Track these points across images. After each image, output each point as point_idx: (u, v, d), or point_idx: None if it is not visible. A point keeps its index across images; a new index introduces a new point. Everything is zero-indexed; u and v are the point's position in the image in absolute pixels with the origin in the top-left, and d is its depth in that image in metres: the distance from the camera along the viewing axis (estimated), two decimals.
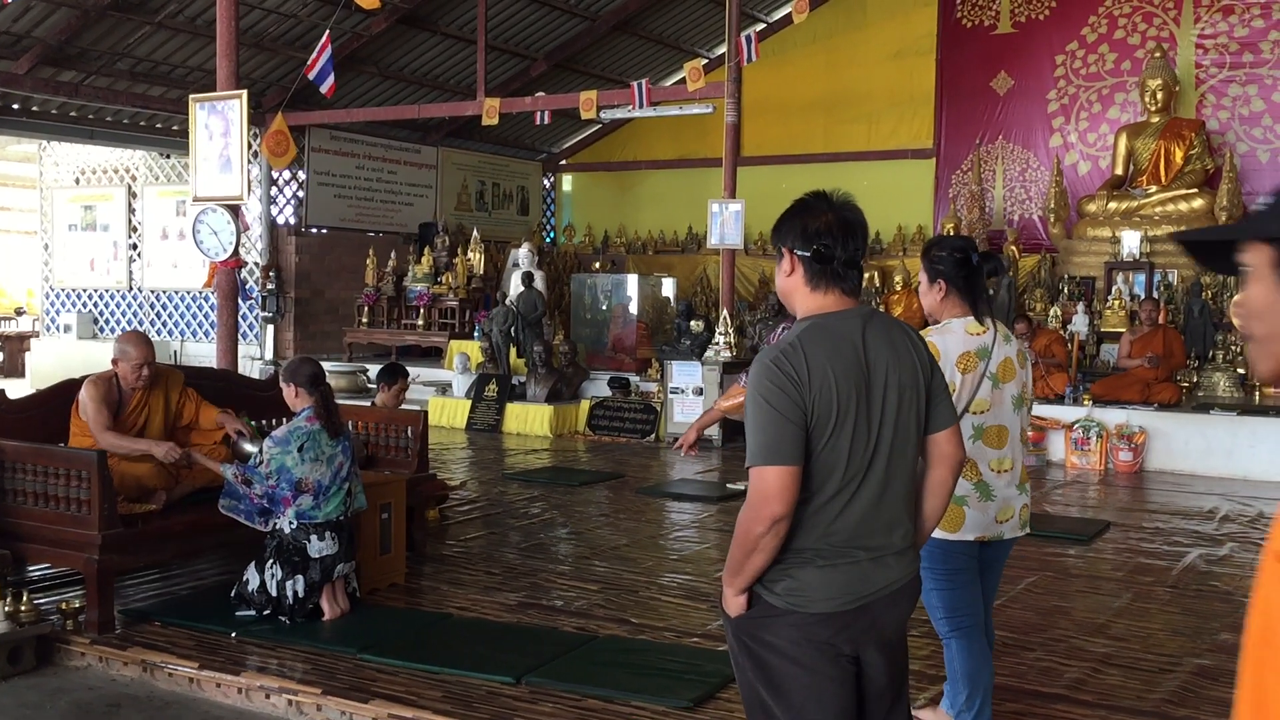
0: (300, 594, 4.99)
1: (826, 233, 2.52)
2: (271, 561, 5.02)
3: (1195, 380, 11.44)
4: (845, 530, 2.47)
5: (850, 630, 2.49)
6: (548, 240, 18.99)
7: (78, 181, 16.80)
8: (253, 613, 5.03)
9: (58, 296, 16.99)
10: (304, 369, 5.21)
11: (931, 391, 2.60)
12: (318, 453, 5.03)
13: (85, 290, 16.73)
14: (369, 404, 7.62)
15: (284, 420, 6.71)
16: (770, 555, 2.44)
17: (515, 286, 13.29)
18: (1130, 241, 13.71)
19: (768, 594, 2.48)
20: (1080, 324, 12.57)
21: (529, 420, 11.75)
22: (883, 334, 2.54)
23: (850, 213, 2.58)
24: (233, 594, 5.13)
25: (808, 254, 2.53)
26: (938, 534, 3.59)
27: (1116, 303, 13.20)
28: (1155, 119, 14.41)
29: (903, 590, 2.57)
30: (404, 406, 7.30)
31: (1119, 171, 14.69)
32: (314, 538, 5.00)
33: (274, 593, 4.99)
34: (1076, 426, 9.95)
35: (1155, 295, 13.01)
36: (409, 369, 11.88)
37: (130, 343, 5.52)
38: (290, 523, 5.00)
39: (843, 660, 2.51)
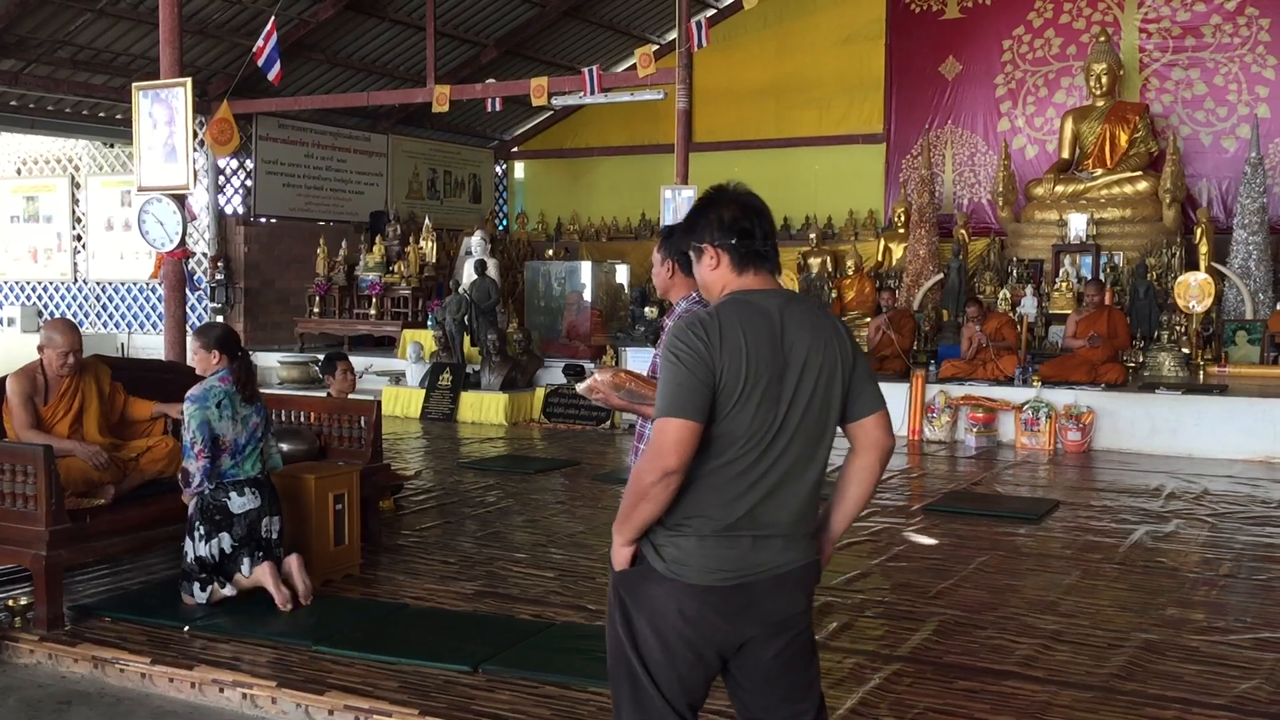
0: (226, 550, 5.05)
1: (743, 218, 2.62)
2: (195, 525, 5.06)
3: (1141, 360, 11.61)
4: (739, 505, 2.52)
5: (724, 609, 2.53)
6: (500, 228, 18.90)
7: (19, 172, 16.50)
8: (198, 585, 5.03)
9: (0, 289, 16.68)
10: (213, 330, 5.26)
11: (854, 379, 2.62)
12: (234, 412, 5.09)
13: (29, 282, 16.44)
14: (323, 395, 7.56)
15: None
16: (658, 506, 2.51)
17: (468, 275, 13.22)
18: (1077, 224, 13.89)
19: (654, 558, 2.56)
20: (1029, 306, 12.72)
21: (484, 409, 11.71)
22: (805, 316, 2.59)
23: (756, 200, 2.68)
24: (180, 579, 5.13)
25: (732, 240, 2.61)
26: None
27: (1064, 285, 13.37)
28: (1100, 103, 14.60)
29: (789, 575, 2.59)
30: (358, 396, 7.25)
31: (1065, 155, 14.88)
32: (234, 494, 5.06)
33: (207, 556, 5.03)
34: (1026, 407, 10.07)
35: (1101, 277, 13.20)
36: (363, 358, 11.84)
37: (57, 329, 5.48)
38: (209, 484, 5.04)
39: (703, 648, 2.56)
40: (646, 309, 11.93)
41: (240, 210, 15.09)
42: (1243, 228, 13.19)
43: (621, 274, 14.87)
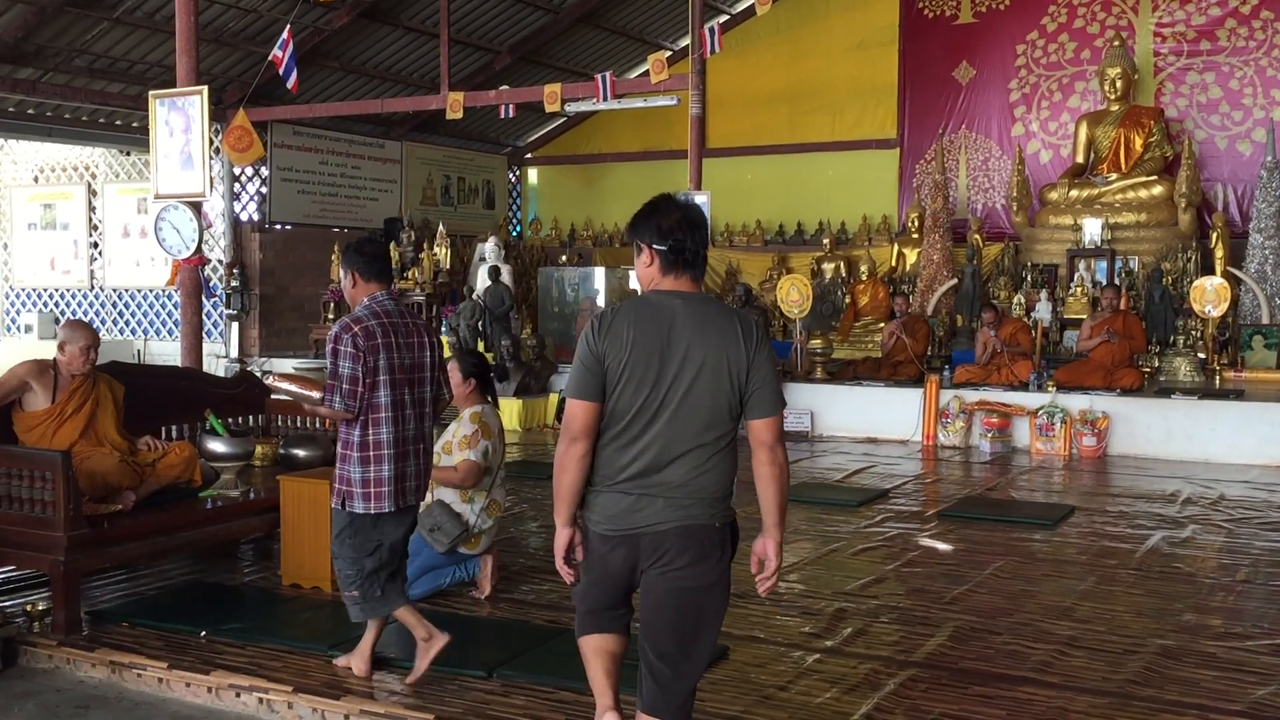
0: None
1: (678, 228, 3.04)
2: None
3: (1157, 365, 11.57)
4: (629, 467, 2.98)
5: (621, 554, 3.03)
6: (514, 234, 18.94)
7: (36, 180, 16.60)
8: None
9: (18, 296, 16.79)
10: None
11: (750, 381, 3.00)
12: None
13: (46, 290, 16.54)
14: None
15: (250, 419, 6.68)
16: (574, 475, 3.02)
17: (482, 281, 13.24)
18: (1092, 229, 13.85)
19: (584, 518, 3.09)
20: (1044, 311, 12.68)
21: None
22: (699, 313, 3.01)
23: (694, 212, 3.09)
24: None
25: (664, 247, 3.03)
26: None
27: (1079, 290, 13.33)
28: (1115, 107, 14.56)
29: (669, 532, 2.98)
30: None
31: (1080, 160, 14.84)
32: None
33: None
34: (1041, 413, 10.04)
35: (1116, 282, 13.15)
36: None
37: (77, 327, 5.51)
38: None
39: (614, 569, 3.06)
40: None
41: (255, 217, 15.16)
42: (1259, 232, 13.13)
43: (635, 280, 14.85)
